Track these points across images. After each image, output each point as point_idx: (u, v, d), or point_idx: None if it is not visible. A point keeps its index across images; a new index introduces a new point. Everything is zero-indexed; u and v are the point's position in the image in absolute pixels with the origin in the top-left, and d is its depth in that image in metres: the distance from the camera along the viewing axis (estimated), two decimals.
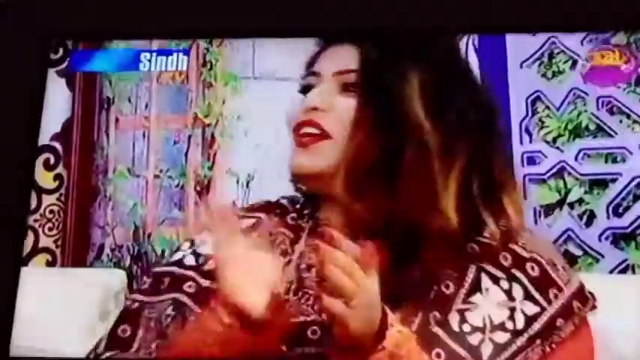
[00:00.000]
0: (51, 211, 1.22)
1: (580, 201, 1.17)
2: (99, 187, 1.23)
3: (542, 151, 1.20)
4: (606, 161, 1.17)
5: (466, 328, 0.99)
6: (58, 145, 1.25)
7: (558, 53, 1.23)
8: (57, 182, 1.23)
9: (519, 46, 1.24)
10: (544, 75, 1.22)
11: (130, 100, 1.27)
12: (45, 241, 1.21)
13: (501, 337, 0.99)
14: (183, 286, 1.04)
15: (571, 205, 1.16)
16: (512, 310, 1.00)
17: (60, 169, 1.24)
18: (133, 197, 1.23)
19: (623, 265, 1.12)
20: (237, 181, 1.22)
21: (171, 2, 1.36)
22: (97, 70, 1.29)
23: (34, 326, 1.15)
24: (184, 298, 1.03)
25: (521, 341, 0.99)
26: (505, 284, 1.01)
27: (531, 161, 1.20)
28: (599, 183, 1.16)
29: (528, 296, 1.00)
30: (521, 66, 1.22)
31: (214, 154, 1.24)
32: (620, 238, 1.14)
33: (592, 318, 1.02)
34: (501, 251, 1.02)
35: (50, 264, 1.20)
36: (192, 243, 1.09)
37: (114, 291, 1.16)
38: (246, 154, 1.23)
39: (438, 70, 1.05)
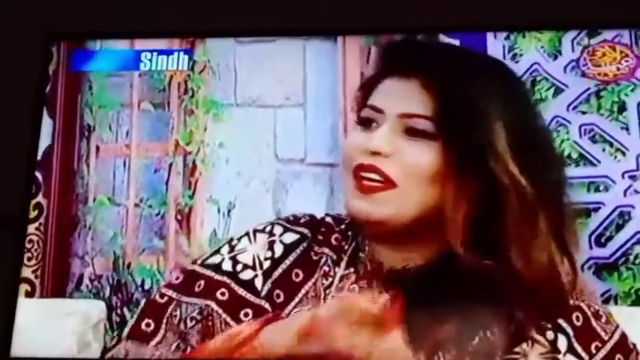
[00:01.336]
0: (30, 241, 1.21)
1: None
2: (79, 216, 1.22)
3: None
4: (588, 190, 1.16)
5: None
6: (38, 174, 1.24)
7: (540, 80, 1.22)
8: (36, 211, 1.22)
9: None
10: None
11: (110, 128, 1.27)
12: (24, 271, 1.19)
13: None
14: (216, 293, 1.06)
15: None
16: None
17: (40, 198, 1.23)
18: (113, 226, 1.22)
19: (606, 296, 1.11)
20: (219, 210, 1.21)
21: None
22: (97, 70, 1.29)
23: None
24: (214, 306, 1.06)
25: None
26: (551, 335, 1.01)
27: None
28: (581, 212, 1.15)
29: (571, 349, 1.00)
30: None
31: (195, 182, 1.23)
32: (602, 269, 1.13)
33: None
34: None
35: (29, 294, 1.18)
36: (232, 248, 1.10)
37: (92, 322, 1.15)
38: (227, 182, 1.23)
39: (519, 114, 1.04)
